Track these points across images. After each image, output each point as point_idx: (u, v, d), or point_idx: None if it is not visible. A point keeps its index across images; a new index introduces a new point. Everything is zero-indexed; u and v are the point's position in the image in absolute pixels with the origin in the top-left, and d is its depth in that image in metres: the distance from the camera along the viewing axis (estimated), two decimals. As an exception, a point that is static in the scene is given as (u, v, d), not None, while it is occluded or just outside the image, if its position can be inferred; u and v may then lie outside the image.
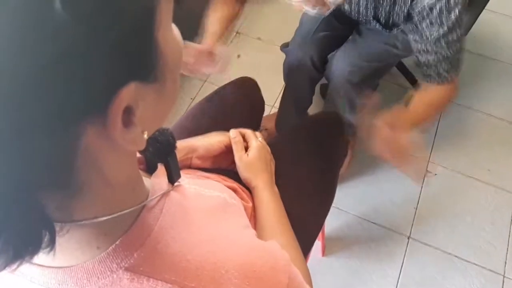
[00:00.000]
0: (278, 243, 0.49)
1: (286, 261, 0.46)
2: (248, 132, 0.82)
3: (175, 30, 0.35)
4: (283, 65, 1.28)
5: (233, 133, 0.81)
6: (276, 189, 0.78)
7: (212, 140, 0.79)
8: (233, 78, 1.03)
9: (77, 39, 0.25)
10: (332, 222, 1.42)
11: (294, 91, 1.33)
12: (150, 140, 0.48)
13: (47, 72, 0.25)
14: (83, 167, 0.31)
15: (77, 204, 0.33)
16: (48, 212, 0.30)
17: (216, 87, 1.02)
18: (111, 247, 0.36)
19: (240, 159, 0.78)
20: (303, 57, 1.22)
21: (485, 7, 1.30)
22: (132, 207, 0.38)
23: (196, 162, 0.76)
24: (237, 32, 1.83)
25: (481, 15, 1.31)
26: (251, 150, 0.79)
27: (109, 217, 0.35)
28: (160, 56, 0.32)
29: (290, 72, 1.27)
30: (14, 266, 0.30)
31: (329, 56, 1.31)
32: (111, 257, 0.36)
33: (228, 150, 0.79)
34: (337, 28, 1.23)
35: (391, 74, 1.64)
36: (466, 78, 1.78)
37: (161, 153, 0.48)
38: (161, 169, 0.48)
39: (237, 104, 0.97)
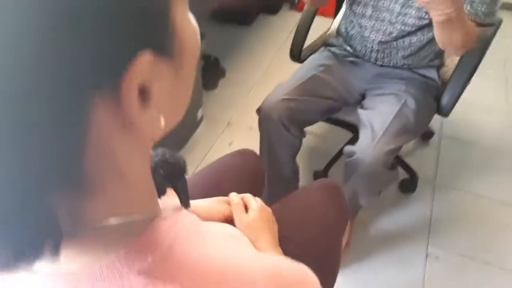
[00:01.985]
0: None
1: (317, 283, 0.41)
2: (247, 195, 0.81)
3: (193, 21, 0.34)
4: (258, 126, 1.31)
5: (233, 196, 0.80)
6: (280, 250, 0.73)
7: (213, 209, 0.77)
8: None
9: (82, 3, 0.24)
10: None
11: (273, 157, 1.32)
12: (160, 162, 0.47)
13: (50, 39, 0.23)
14: (95, 160, 0.28)
15: (89, 205, 0.30)
16: (59, 217, 0.27)
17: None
18: (122, 251, 0.32)
19: (240, 220, 0.75)
20: (270, 114, 1.24)
21: (460, 96, 1.38)
22: (147, 214, 0.34)
23: None
24: (228, 123, 1.90)
25: (458, 102, 1.39)
26: (251, 211, 0.76)
27: (125, 220, 0.32)
28: (176, 34, 0.31)
29: (263, 132, 1.28)
30: (11, 270, 0.28)
31: (305, 129, 1.32)
32: (122, 261, 0.32)
33: (228, 219, 0.76)
34: (310, 101, 1.27)
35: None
36: (453, 164, 1.83)
37: (171, 176, 0.46)
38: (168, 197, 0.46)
39: (237, 173, 0.96)
